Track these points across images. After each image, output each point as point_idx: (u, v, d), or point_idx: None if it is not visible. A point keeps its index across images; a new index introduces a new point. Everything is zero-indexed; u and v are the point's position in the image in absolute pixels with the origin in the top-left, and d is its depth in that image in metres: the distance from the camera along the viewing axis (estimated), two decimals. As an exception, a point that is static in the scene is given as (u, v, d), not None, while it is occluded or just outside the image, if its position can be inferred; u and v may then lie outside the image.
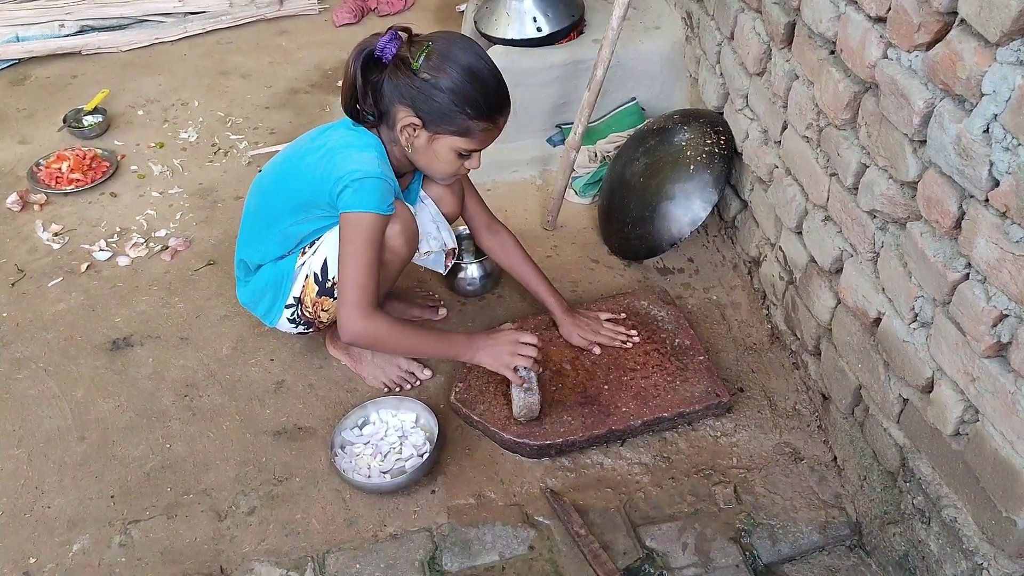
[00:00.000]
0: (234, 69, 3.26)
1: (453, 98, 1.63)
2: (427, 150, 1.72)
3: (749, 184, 2.19)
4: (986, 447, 1.33)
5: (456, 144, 1.70)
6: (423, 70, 1.62)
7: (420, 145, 1.71)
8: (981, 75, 1.20)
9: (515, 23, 2.63)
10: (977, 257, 1.28)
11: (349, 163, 1.69)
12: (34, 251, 2.43)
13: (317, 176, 1.73)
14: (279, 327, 1.97)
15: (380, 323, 1.71)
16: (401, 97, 1.65)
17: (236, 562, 1.68)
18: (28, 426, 1.94)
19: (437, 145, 1.70)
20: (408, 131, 1.68)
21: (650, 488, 1.81)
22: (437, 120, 1.66)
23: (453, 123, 1.66)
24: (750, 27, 2.05)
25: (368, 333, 1.71)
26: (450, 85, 1.62)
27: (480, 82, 1.65)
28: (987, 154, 1.21)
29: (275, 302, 1.92)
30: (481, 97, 1.65)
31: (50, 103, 3.05)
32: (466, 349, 1.82)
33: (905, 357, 1.52)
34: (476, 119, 1.66)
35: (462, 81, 1.63)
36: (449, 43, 1.65)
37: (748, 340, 2.14)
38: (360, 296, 1.69)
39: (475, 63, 1.65)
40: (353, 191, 1.67)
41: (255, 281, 1.94)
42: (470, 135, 1.69)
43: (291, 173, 1.81)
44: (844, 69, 1.63)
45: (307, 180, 1.75)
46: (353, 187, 1.66)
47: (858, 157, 1.61)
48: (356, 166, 1.68)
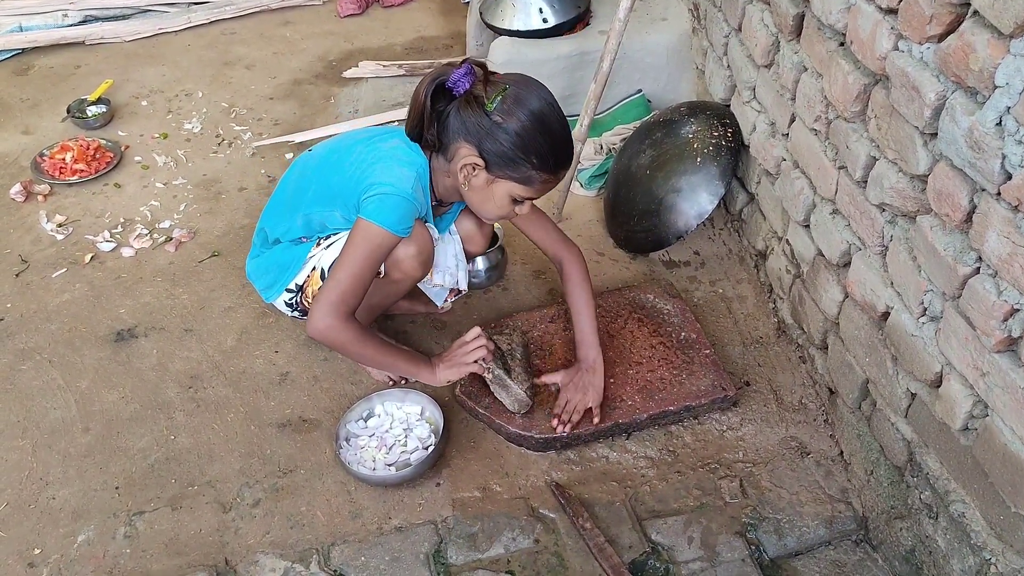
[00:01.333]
0: (238, 60, 3.25)
1: (521, 145, 1.61)
2: (484, 191, 1.70)
3: (756, 177, 2.18)
4: (995, 442, 1.32)
5: (514, 190, 1.68)
6: (496, 112, 1.60)
7: (478, 184, 1.69)
8: (994, 67, 1.19)
9: (521, 14, 2.62)
10: (988, 251, 1.27)
11: (385, 175, 1.68)
12: (38, 242, 2.42)
13: (353, 176, 1.72)
14: (275, 304, 1.98)
15: (349, 330, 1.71)
16: (467, 134, 1.63)
17: (241, 554, 1.68)
18: (33, 417, 1.94)
19: (495, 188, 1.69)
20: (468, 169, 1.66)
21: (656, 482, 1.80)
22: (500, 164, 1.64)
23: (516, 170, 1.64)
24: (758, 18, 2.04)
25: (334, 336, 1.70)
26: (520, 132, 1.60)
27: (550, 134, 1.63)
28: (1000, 147, 1.20)
29: (277, 281, 1.93)
30: (548, 150, 1.64)
31: (54, 93, 3.05)
32: (430, 375, 1.84)
33: (913, 351, 1.51)
34: (539, 170, 1.65)
35: (533, 131, 1.61)
36: (524, 88, 1.63)
37: (754, 334, 2.13)
38: (340, 300, 1.68)
39: (548, 114, 1.63)
40: (377, 201, 1.66)
41: (266, 257, 1.95)
42: (530, 184, 1.67)
43: (333, 164, 1.80)
44: (854, 61, 1.61)
45: (343, 175, 1.75)
46: (378, 198, 1.66)
47: (867, 150, 1.60)
48: (390, 179, 1.67)
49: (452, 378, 1.84)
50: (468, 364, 1.82)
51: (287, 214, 1.88)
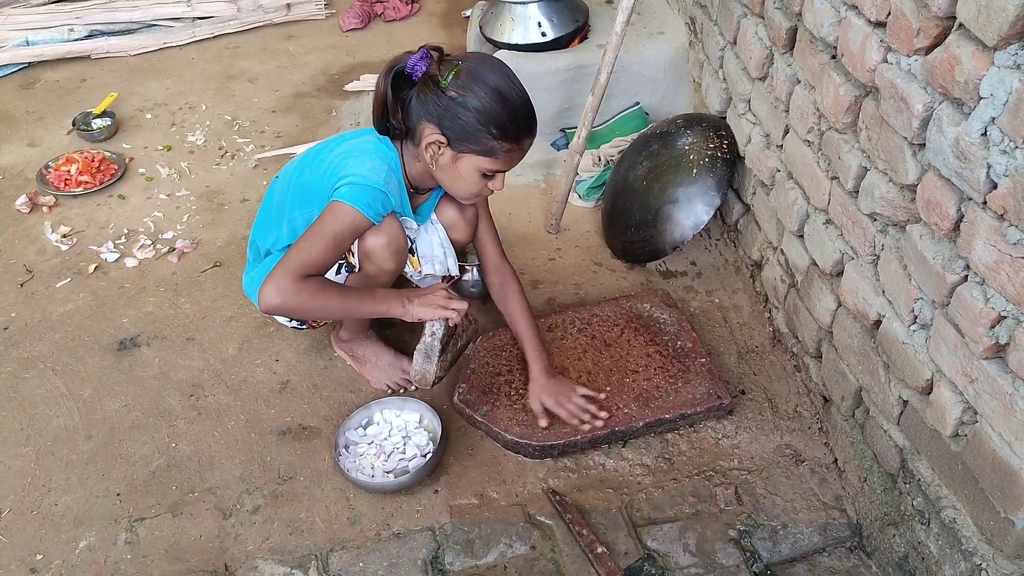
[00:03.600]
0: (241, 73, 3.29)
1: (479, 118, 1.63)
2: (451, 168, 1.72)
3: (751, 188, 2.20)
4: (985, 448, 1.34)
5: (480, 164, 1.69)
6: (451, 88, 1.62)
7: (444, 163, 1.71)
8: (979, 79, 1.21)
9: (520, 28, 2.65)
10: (975, 259, 1.29)
11: (356, 167, 1.71)
12: (43, 252, 2.45)
13: (327, 172, 1.75)
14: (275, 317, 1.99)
15: (305, 288, 1.65)
16: (428, 114, 1.66)
17: (240, 560, 1.70)
18: (36, 425, 1.96)
19: (461, 164, 1.70)
20: (433, 148, 1.69)
21: (651, 489, 1.82)
22: (462, 139, 1.66)
23: (478, 143, 1.66)
24: (752, 32, 2.07)
25: (291, 298, 1.64)
26: (477, 105, 1.62)
27: (507, 103, 1.64)
28: (985, 157, 1.22)
29: None
30: (508, 118, 1.65)
31: (59, 106, 3.08)
32: (399, 306, 1.75)
33: (905, 359, 1.53)
34: (501, 140, 1.66)
35: (489, 101, 1.62)
36: (479, 63, 1.66)
37: (750, 343, 2.15)
38: (296, 265, 1.65)
39: (503, 84, 1.65)
40: (348, 187, 1.68)
41: (259, 270, 1.96)
42: (494, 156, 1.68)
43: (308, 164, 1.84)
44: (845, 73, 1.64)
45: (318, 173, 1.78)
46: (350, 186, 1.68)
47: (859, 160, 1.62)
48: (361, 171, 1.70)
49: (423, 317, 1.76)
50: (443, 310, 1.75)
51: (274, 224, 1.90)
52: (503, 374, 2.00)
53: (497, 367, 2.02)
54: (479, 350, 2.06)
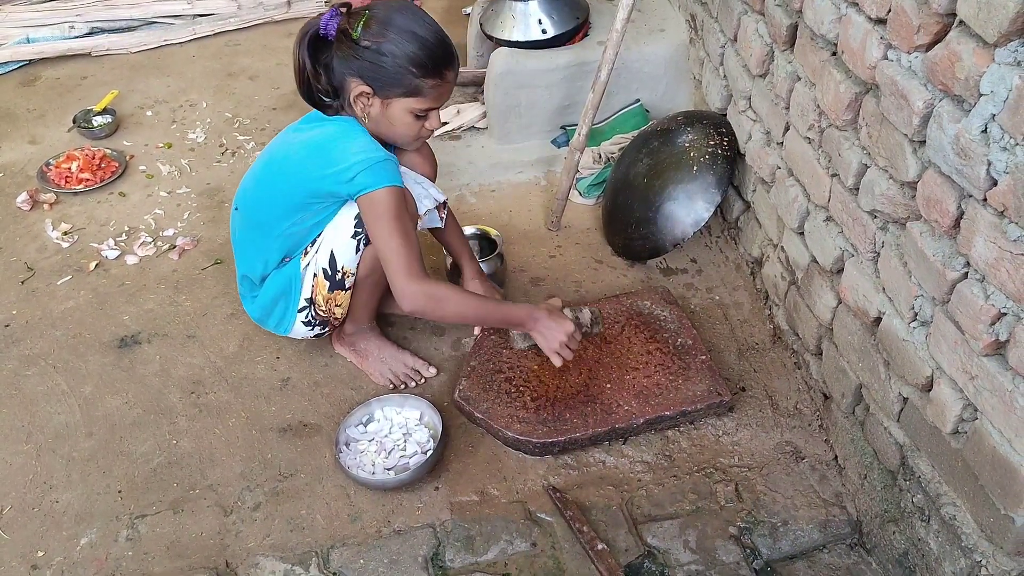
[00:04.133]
0: (242, 71, 3.29)
1: (397, 60, 1.64)
2: (383, 117, 1.73)
3: (752, 185, 2.20)
4: (985, 445, 1.34)
5: (409, 105, 1.70)
6: (364, 38, 1.64)
7: (375, 114, 1.72)
8: (979, 76, 1.21)
9: (520, 25, 2.65)
10: (976, 256, 1.29)
11: (350, 154, 1.70)
12: (43, 250, 2.45)
13: (313, 173, 1.74)
14: (294, 334, 1.98)
15: (438, 286, 1.73)
16: (349, 69, 1.67)
17: (241, 557, 1.70)
18: (37, 422, 1.96)
19: (391, 110, 1.71)
20: (362, 101, 1.70)
21: (652, 486, 1.82)
22: (385, 85, 1.67)
23: (401, 85, 1.67)
24: (753, 29, 2.07)
25: (428, 295, 1.70)
26: (392, 48, 1.64)
27: (420, 40, 1.65)
28: (985, 154, 1.22)
29: (287, 310, 1.93)
30: (424, 55, 1.66)
31: (60, 104, 3.08)
32: (527, 320, 1.82)
33: (905, 356, 1.53)
34: (423, 77, 1.67)
35: (403, 42, 1.64)
36: (386, 8, 1.67)
37: (750, 340, 2.15)
38: (408, 263, 1.69)
39: (413, 23, 1.66)
40: (369, 173, 1.68)
41: (263, 295, 1.95)
42: (420, 94, 1.69)
43: (279, 176, 1.82)
44: (845, 70, 1.64)
45: (301, 178, 1.76)
46: (365, 171, 1.68)
47: (859, 158, 1.62)
48: (360, 155, 1.70)
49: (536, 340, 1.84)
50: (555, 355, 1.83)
51: (259, 248, 1.89)
52: (503, 371, 2.00)
53: (498, 364, 2.02)
54: (479, 347, 2.06)
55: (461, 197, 2.62)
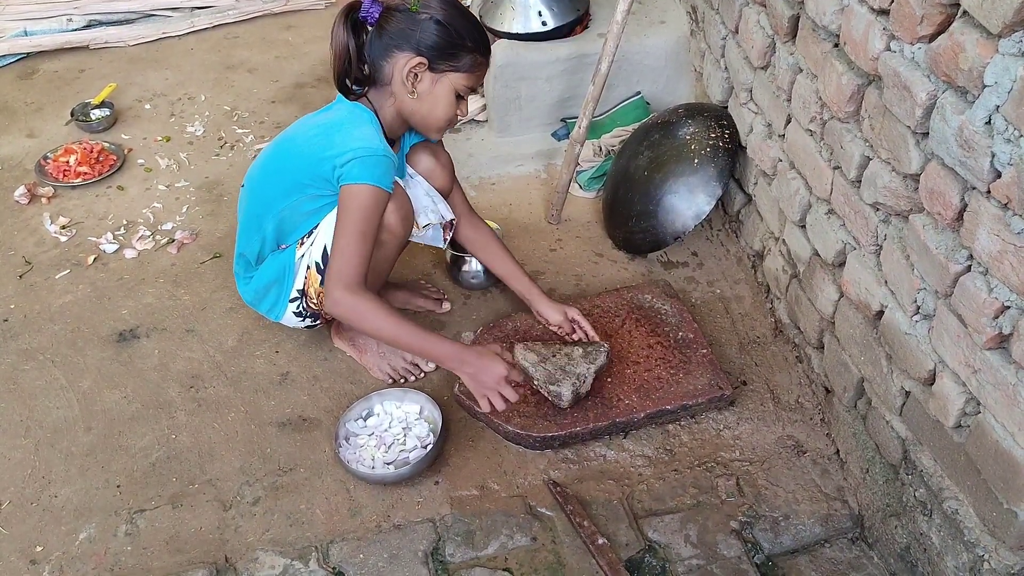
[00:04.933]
0: (240, 63, 3.27)
1: (453, 31, 1.69)
2: (430, 95, 1.74)
3: (753, 178, 2.19)
4: (987, 439, 1.33)
5: (457, 82, 1.74)
6: (423, 10, 1.67)
7: (424, 90, 1.73)
8: (983, 67, 1.20)
9: (520, 17, 2.63)
10: (979, 249, 1.28)
11: (351, 140, 1.70)
12: (41, 243, 2.44)
13: (316, 153, 1.73)
14: (285, 322, 1.98)
15: (367, 300, 1.67)
16: (400, 43, 1.69)
17: (241, 551, 1.69)
18: (35, 416, 1.95)
19: (439, 87, 1.73)
20: (412, 76, 1.71)
21: (652, 480, 1.81)
22: (441, 56, 1.70)
23: (456, 58, 1.71)
24: (754, 21, 2.05)
25: (351, 307, 1.66)
26: (447, 19, 1.68)
27: (469, 16, 1.73)
28: (989, 146, 1.21)
29: (279, 297, 1.93)
30: (475, 28, 1.73)
31: (58, 97, 3.07)
32: (451, 359, 1.72)
33: (907, 349, 1.52)
34: (474, 52, 1.72)
35: (457, 15, 1.70)
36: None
37: (751, 333, 2.14)
38: (348, 268, 1.66)
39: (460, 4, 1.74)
40: (358, 164, 1.67)
41: (258, 277, 1.94)
42: (471, 70, 1.74)
43: (287, 154, 1.83)
44: (847, 62, 1.63)
45: (304, 157, 1.76)
46: (357, 161, 1.67)
47: (861, 150, 1.61)
48: (360, 143, 1.69)
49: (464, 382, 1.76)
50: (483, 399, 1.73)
51: (257, 226, 1.89)
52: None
53: (498, 358, 2.01)
54: (480, 341, 2.06)
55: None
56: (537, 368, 1.89)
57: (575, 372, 1.88)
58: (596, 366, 1.91)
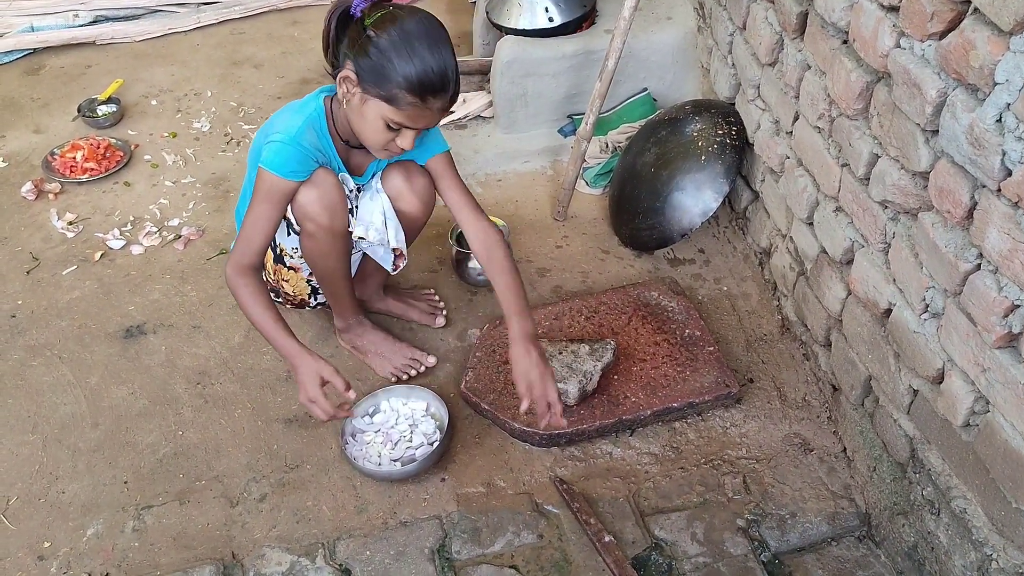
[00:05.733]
0: (247, 59, 3.27)
1: (388, 62, 1.58)
2: (359, 112, 1.68)
3: (760, 175, 2.18)
4: (996, 438, 1.32)
5: (384, 112, 1.63)
6: (371, 26, 1.60)
7: (354, 104, 1.68)
8: (994, 64, 1.20)
9: (527, 13, 2.63)
10: (989, 247, 1.28)
11: (275, 125, 1.75)
12: (48, 240, 2.44)
13: (260, 135, 1.80)
14: None
15: (242, 285, 1.72)
16: (348, 51, 1.64)
17: (248, 548, 1.70)
18: (43, 412, 1.96)
19: (367, 108, 1.65)
20: (346, 84, 1.66)
21: (659, 478, 1.81)
22: (370, 79, 1.61)
23: (383, 87, 1.60)
24: (762, 17, 2.04)
25: (232, 286, 1.74)
26: (388, 45, 1.57)
27: (418, 56, 1.57)
28: (1000, 143, 1.20)
29: None
30: (416, 69, 1.57)
31: (64, 93, 3.07)
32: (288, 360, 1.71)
33: (915, 348, 1.52)
34: (405, 91, 1.59)
35: (401, 45, 1.57)
36: (410, 13, 1.62)
37: (758, 331, 2.14)
38: (239, 248, 1.73)
39: (421, 34, 1.58)
40: (268, 148, 1.70)
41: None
42: (397, 105, 1.61)
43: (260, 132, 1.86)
44: (856, 59, 1.62)
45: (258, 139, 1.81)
46: (269, 146, 1.71)
47: (870, 147, 1.61)
48: (278, 128, 1.72)
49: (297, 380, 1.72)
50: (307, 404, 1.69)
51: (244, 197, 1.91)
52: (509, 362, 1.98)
53: (504, 355, 2.01)
54: (485, 338, 2.05)
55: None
56: None
57: (582, 369, 1.88)
58: (603, 363, 1.91)
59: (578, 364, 1.89)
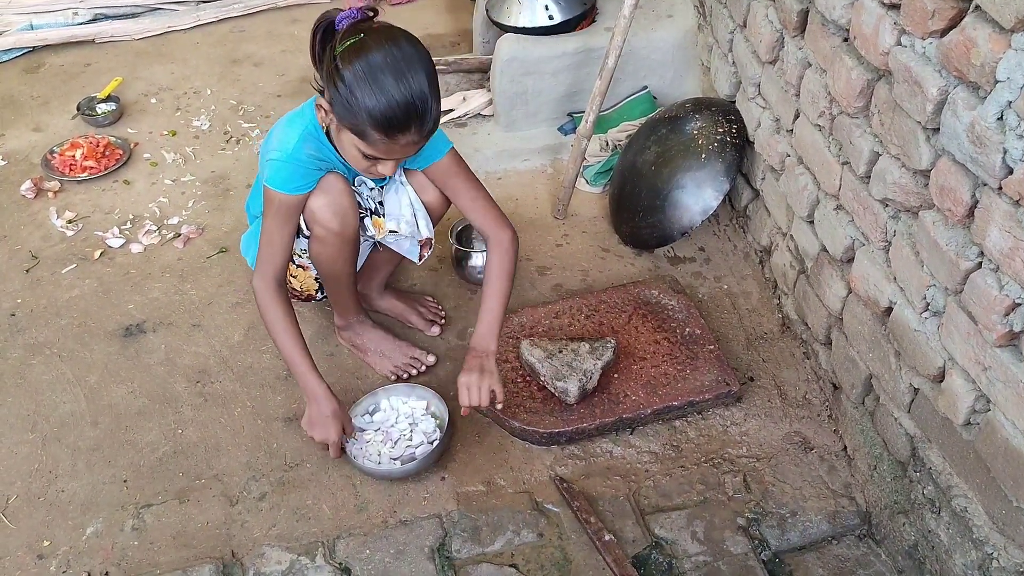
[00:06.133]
0: (246, 57, 3.27)
1: (352, 95, 1.52)
2: (337, 138, 1.68)
3: (761, 173, 2.18)
4: (997, 437, 1.32)
5: (356, 143, 1.60)
6: (340, 58, 1.52)
7: (334, 130, 1.68)
8: (995, 62, 1.19)
9: (527, 11, 2.62)
10: (990, 246, 1.27)
11: (271, 141, 1.75)
12: (48, 238, 2.44)
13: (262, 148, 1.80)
14: None
15: (271, 305, 1.75)
16: (323, 77, 1.60)
17: (247, 547, 1.69)
18: (42, 411, 1.96)
19: (343, 136, 1.63)
20: (321, 112, 1.65)
21: (659, 477, 1.81)
22: (340, 111, 1.56)
23: (351, 121, 1.56)
24: (763, 15, 2.04)
25: (261, 303, 1.76)
26: (352, 80, 1.51)
27: (383, 92, 1.50)
28: (1001, 142, 1.20)
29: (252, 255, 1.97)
30: (381, 112, 1.51)
31: (64, 91, 3.07)
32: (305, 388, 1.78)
33: (916, 346, 1.51)
34: (373, 128, 1.54)
35: (365, 81, 1.50)
36: (376, 38, 1.53)
37: (759, 329, 2.13)
38: (263, 265, 1.75)
39: (386, 68, 1.50)
40: (269, 167, 1.71)
41: (252, 230, 1.99)
42: (367, 140, 1.57)
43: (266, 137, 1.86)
44: (857, 56, 1.62)
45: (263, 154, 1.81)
46: (269, 164, 1.71)
47: (871, 145, 1.60)
48: (276, 145, 1.72)
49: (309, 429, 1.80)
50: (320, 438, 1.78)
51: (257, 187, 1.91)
52: (509, 361, 1.99)
53: (504, 354, 2.01)
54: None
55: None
56: (544, 364, 1.89)
57: (582, 368, 1.88)
58: (603, 362, 1.91)
59: (578, 363, 1.89)
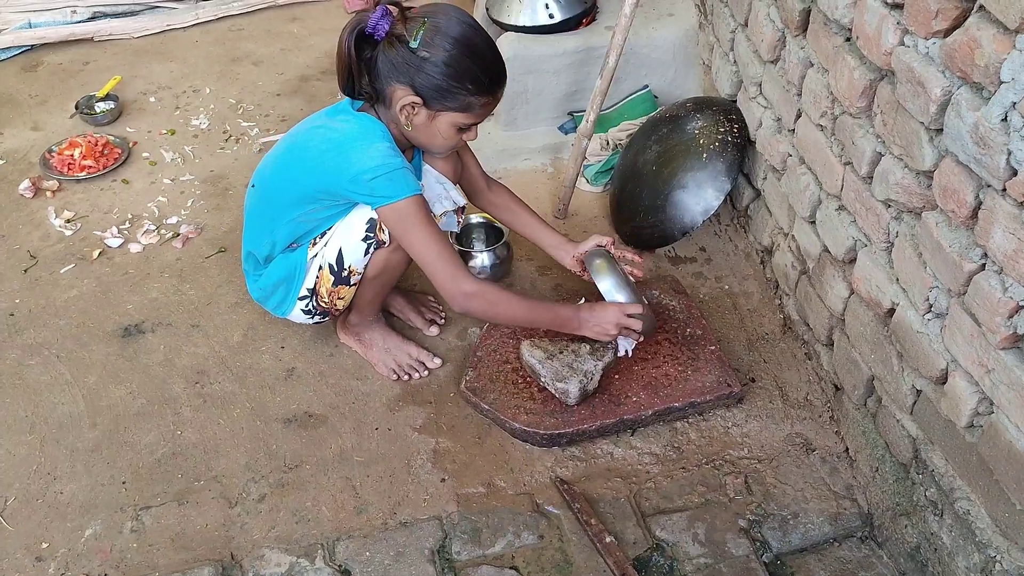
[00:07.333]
0: (246, 56, 3.26)
1: (453, 75, 1.61)
2: (427, 127, 1.71)
3: (762, 173, 2.17)
4: (1000, 439, 1.31)
5: (457, 120, 1.69)
6: (421, 47, 1.60)
7: (420, 123, 1.70)
8: (1000, 62, 1.18)
9: (527, 10, 2.61)
10: (994, 247, 1.27)
11: (367, 159, 1.67)
12: (46, 238, 2.43)
13: (329, 169, 1.71)
14: (292, 318, 1.97)
15: (488, 288, 1.77)
16: (399, 75, 1.63)
17: (246, 548, 1.69)
18: (40, 412, 1.95)
19: (438, 122, 1.70)
20: (408, 110, 1.66)
21: (660, 478, 1.80)
22: (437, 98, 1.64)
23: (454, 100, 1.65)
24: (764, 14, 2.03)
25: (481, 298, 1.73)
26: (448, 61, 1.60)
27: (478, 57, 1.64)
28: (1005, 143, 1.19)
29: (287, 295, 1.92)
30: (481, 72, 1.64)
31: (62, 90, 3.06)
32: (571, 321, 1.82)
33: (919, 348, 1.51)
34: (477, 95, 1.66)
35: (461, 57, 1.61)
36: (445, 17, 1.63)
37: (760, 330, 2.13)
38: (451, 269, 1.71)
39: (472, 37, 1.63)
40: (388, 182, 1.66)
41: (267, 276, 1.93)
42: (471, 110, 1.68)
43: (296, 163, 1.79)
44: (860, 56, 1.61)
45: (316, 172, 1.73)
46: (386, 179, 1.66)
47: (873, 146, 1.59)
48: (377, 161, 1.66)
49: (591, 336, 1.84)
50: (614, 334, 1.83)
51: (268, 229, 1.87)
52: (510, 361, 1.99)
53: (505, 355, 2.00)
54: (486, 338, 2.04)
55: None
56: (544, 365, 1.88)
57: (582, 369, 1.87)
58: (604, 363, 1.90)
59: (579, 364, 1.88)
